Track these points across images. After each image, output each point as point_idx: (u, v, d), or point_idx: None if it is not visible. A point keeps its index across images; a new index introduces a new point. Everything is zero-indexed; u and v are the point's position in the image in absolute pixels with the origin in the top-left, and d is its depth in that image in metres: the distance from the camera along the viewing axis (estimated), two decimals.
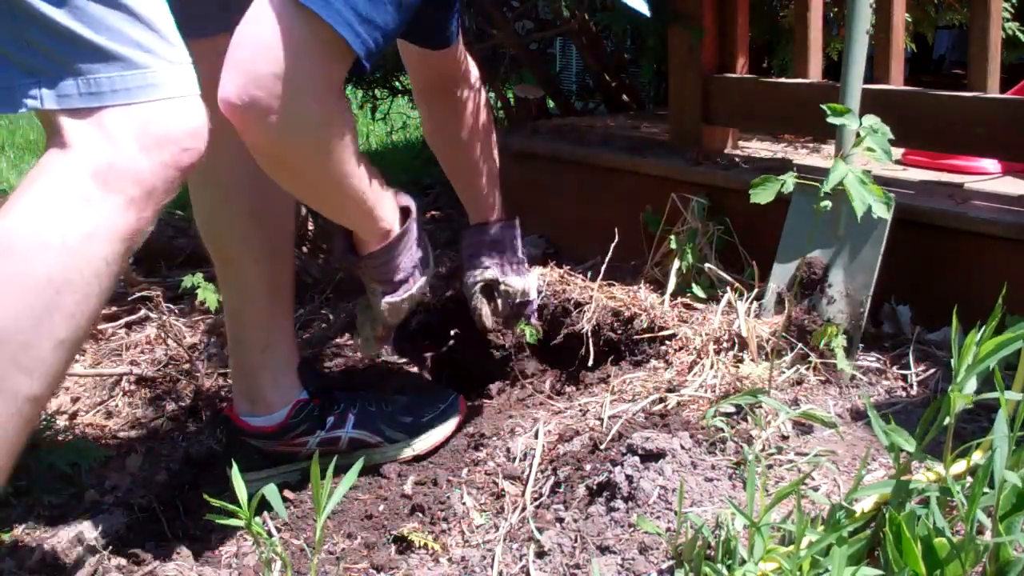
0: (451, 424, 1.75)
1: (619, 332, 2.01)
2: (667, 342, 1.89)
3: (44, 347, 1.05)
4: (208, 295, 2.28)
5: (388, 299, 1.59)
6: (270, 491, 1.17)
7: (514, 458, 1.63)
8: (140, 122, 1.12)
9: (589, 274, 2.20)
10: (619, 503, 1.35)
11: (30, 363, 1.04)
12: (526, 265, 1.96)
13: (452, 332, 2.15)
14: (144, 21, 1.13)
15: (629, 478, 1.38)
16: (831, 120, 1.55)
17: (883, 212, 1.52)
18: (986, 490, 1.03)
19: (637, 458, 1.42)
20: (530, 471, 1.57)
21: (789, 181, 1.56)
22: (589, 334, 2.02)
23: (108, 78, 1.10)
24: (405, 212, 1.59)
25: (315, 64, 1.27)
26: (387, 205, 1.54)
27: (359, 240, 1.57)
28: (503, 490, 1.55)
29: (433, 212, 3.35)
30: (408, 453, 1.69)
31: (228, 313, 1.69)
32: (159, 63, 1.14)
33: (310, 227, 2.51)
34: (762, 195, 1.60)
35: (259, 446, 1.62)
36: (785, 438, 1.52)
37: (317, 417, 1.65)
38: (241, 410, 1.64)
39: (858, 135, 1.52)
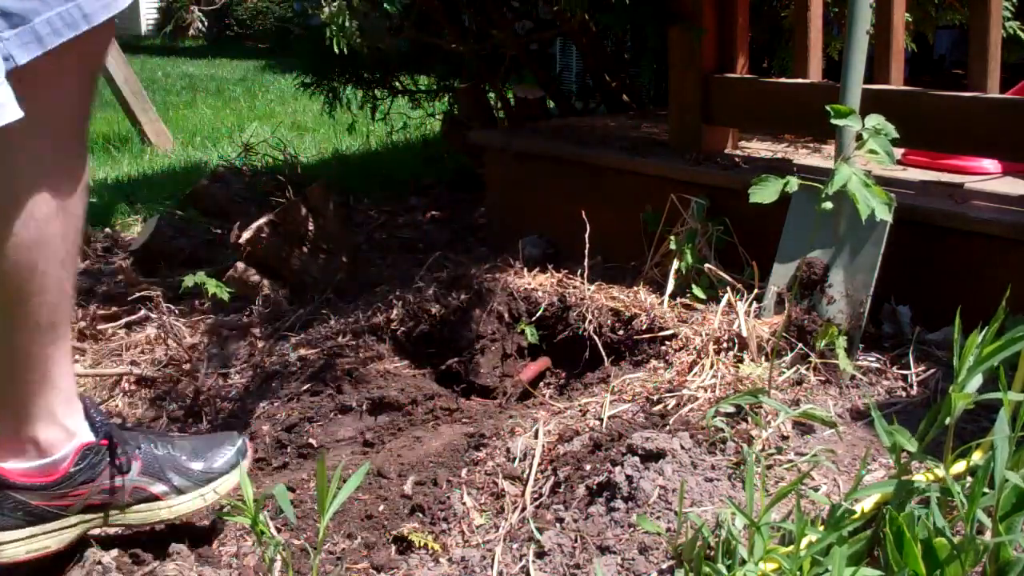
0: (237, 472, 1.50)
1: (619, 332, 2.01)
2: (667, 342, 1.89)
3: None
4: (217, 289, 2.28)
5: None
6: (279, 492, 1.16)
7: (514, 458, 1.63)
8: None
9: (589, 274, 2.20)
10: (619, 503, 1.35)
11: None
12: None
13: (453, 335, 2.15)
14: None
15: (629, 478, 1.38)
16: (834, 121, 1.54)
17: (885, 214, 1.52)
18: (986, 490, 1.03)
19: (637, 458, 1.42)
20: (530, 471, 1.57)
21: (793, 182, 1.54)
22: (589, 335, 2.02)
23: None
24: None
25: None
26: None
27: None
28: (503, 490, 1.55)
29: (433, 212, 3.35)
30: (199, 504, 1.48)
31: None
32: None
33: (310, 227, 2.51)
34: (761, 194, 1.57)
35: (24, 499, 1.32)
36: (785, 438, 1.52)
37: (101, 462, 1.39)
38: (2, 457, 1.33)
39: (860, 136, 1.52)
